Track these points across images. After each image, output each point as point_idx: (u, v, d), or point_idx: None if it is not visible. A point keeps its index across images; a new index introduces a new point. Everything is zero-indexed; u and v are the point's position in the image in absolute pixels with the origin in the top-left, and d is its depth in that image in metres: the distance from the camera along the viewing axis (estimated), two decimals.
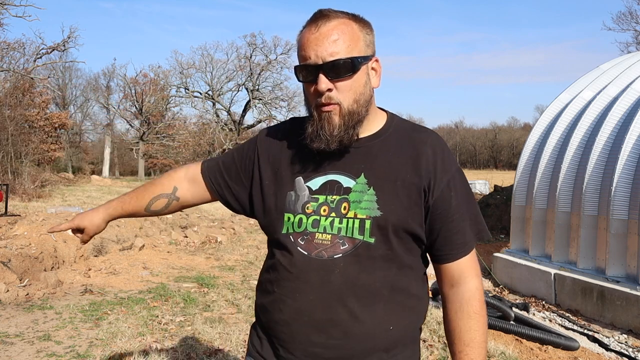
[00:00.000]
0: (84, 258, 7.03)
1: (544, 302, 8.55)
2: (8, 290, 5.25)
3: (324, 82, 1.19)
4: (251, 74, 34.47)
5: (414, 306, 1.32)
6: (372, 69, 1.28)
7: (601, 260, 8.12)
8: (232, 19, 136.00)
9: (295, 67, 1.25)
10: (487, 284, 9.87)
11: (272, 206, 1.30)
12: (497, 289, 9.70)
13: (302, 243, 1.25)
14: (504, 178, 24.61)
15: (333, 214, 1.24)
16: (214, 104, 40.11)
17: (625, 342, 6.67)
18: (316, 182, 1.27)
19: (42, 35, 49.15)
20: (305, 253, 1.24)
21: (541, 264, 9.21)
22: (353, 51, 1.20)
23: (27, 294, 5.43)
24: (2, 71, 24.40)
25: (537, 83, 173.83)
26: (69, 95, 48.14)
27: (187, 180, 1.47)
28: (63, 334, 4.27)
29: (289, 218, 1.26)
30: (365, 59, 1.24)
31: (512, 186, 12.28)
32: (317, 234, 1.24)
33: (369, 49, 1.26)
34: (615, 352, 6.21)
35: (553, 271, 8.72)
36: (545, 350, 5.13)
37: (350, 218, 1.23)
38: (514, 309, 6.69)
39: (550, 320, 7.59)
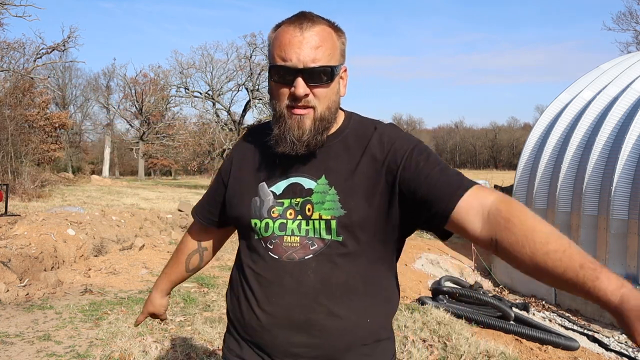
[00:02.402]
0: (84, 258, 7.03)
1: (544, 302, 8.55)
2: (8, 290, 5.26)
3: (302, 87, 1.18)
4: (251, 74, 34.54)
5: (389, 297, 1.33)
6: (341, 77, 1.30)
7: (601, 260, 8.12)
8: (232, 19, 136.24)
9: (272, 67, 1.22)
10: (487, 284, 9.87)
11: (240, 214, 1.32)
12: (497, 289, 9.70)
13: (272, 247, 1.26)
14: (504, 178, 24.63)
15: (299, 217, 1.25)
16: (214, 104, 40.12)
17: (625, 342, 6.67)
18: (279, 187, 1.29)
19: (42, 35, 49.25)
20: (277, 257, 1.26)
21: None
22: (332, 60, 1.22)
23: (27, 294, 5.43)
24: (2, 71, 24.41)
25: (537, 83, 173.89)
26: (69, 95, 48.18)
27: (201, 232, 1.58)
28: (63, 333, 4.27)
29: (255, 224, 1.28)
30: (339, 68, 1.26)
31: (512, 186, 12.28)
32: (285, 237, 1.25)
33: (342, 58, 1.29)
34: (615, 352, 6.21)
35: None
36: (545, 350, 5.13)
37: (316, 219, 1.23)
38: (514, 309, 6.69)
39: (550, 320, 7.59)
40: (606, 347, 6.34)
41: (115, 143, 47.96)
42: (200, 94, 40.64)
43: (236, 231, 1.46)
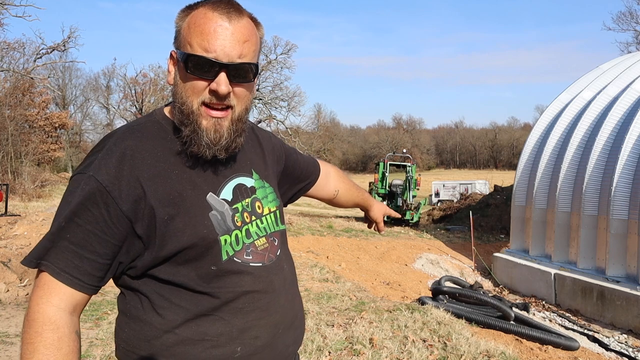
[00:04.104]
0: None
1: (544, 302, 8.55)
2: (8, 290, 5.26)
3: (225, 84, 1.05)
4: None
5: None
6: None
7: (601, 260, 8.12)
8: None
9: (190, 55, 1.05)
10: (487, 284, 9.87)
11: (199, 237, 1.08)
12: (497, 289, 9.70)
13: (251, 257, 1.15)
14: (504, 178, 24.62)
15: (254, 217, 1.19)
16: None
17: (625, 342, 6.66)
18: (227, 192, 1.16)
19: (42, 35, 48.94)
20: (260, 264, 1.17)
21: (541, 264, 9.21)
22: (255, 57, 1.12)
23: (27, 294, 5.43)
24: (2, 71, 24.41)
25: (537, 83, 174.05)
26: (69, 95, 48.19)
27: (78, 305, 1.06)
28: None
29: (225, 240, 1.11)
30: (259, 67, 1.15)
31: (512, 186, 12.28)
32: (255, 242, 1.18)
33: (259, 56, 1.18)
34: (615, 352, 6.21)
35: (553, 271, 8.73)
36: (545, 350, 5.13)
37: (267, 214, 1.24)
38: (514, 309, 6.69)
39: (550, 320, 7.59)
40: (606, 347, 6.34)
41: None
42: None
43: (129, 281, 1.11)
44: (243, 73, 1.08)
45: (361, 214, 1.81)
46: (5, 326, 4.41)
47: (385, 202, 16.44)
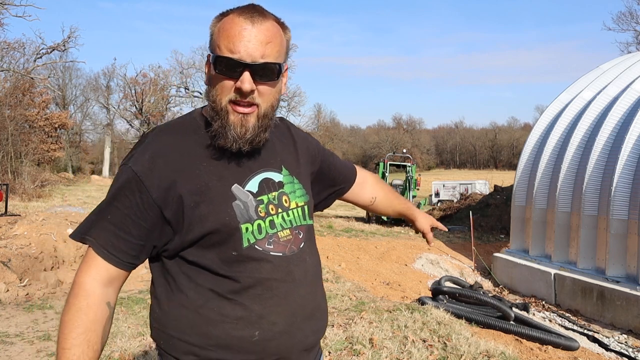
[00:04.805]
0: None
1: (544, 302, 8.55)
2: (8, 290, 5.26)
3: (248, 82, 1.14)
4: None
5: None
6: (283, 75, 1.26)
7: (601, 261, 8.12)
8: None
9: (218, 57, 1.15)
10: (487, 284, 9.87)
11: (221, 224, 1.17)
12: (497, 289, 9.70)
13: (272, 247, 1.23)
14: (504, 178, 24.62)
15: (280, 210, 1.27)
16: None
17: (625, 342, 6.67)
18: (253, 185, 1.25)
19: (42, 35, 48.95)
20: (281, 254, 1.24)
21: (541, 264, 9.21)
22: (279, 57, 1.20)
23: (27, 294, 5.43)
24: (2, 71, 24.41)
25: (537, 83, 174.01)
26: (69, 95, 48.17)
27: (114, 280, 1.20)
28: None
29: (247, 228, 1.20)
30: (284, 66, 1.23)
31: (512, 186, 12.28)
32: (279, 233, 1.25)
33: (287, 56, 1.26)
34: (615, 352, 6.21)
35: (553, 271, 8.73)
36: (545, 350, 5.13)
37: (294, 208, 1.31)
38: (514, 309, 6.69)
39: (550, 320, 7.59)
40: (606, 347, 6.34)
41: (115, 143, 47.94)
42: (200, 94, 40.67)
43: (164, 262, 1.23)
44: (266, 72, 1.17)
45: (362, 213, 1.81)
46: (5, 326, 4.41)
47: None
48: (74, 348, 1.11)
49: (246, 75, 1.14)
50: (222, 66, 1.15)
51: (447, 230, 1.98)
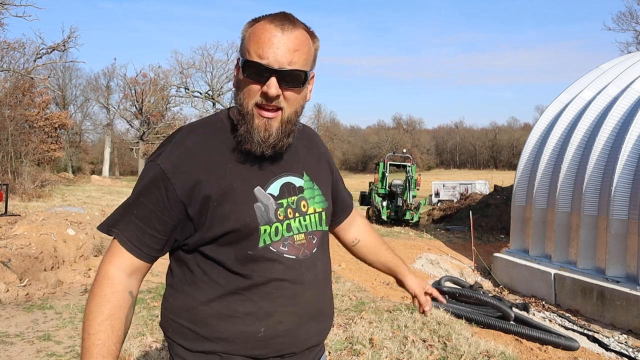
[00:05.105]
0: (84, 258, 7.03)
1: (544, 302, 8.55)
2: (8, 290, 5.26)
3: (275, 87, 1.18)
4: None
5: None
6: (309, 83, 1.29)
7: (601, 261, 8.12)
8: (232, 19, 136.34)
9: (248, 62, 1.19)
10: (487, 284, 9.87)
11: (242, 224, 1.22)
12: (497, 289, 9.70)
13: (286, 249, 1.27)
14: (504, 178, 24.61)
15: (297, 214, 1.31)
16: (214, 104, 40.22)
17: (625, 342, 6.67)
18: (274, 188, 1.28)
19: (42, 35, 48.88)
20: (294, 257, 1.28)
21: (541, 264, 9.21)
22: (306, 65, 1.22)
23: (27, 294, 5.43)
24: (2, 71, 24.41)
25: (537, 83, 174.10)
26: (69, 95, 48.20)
27: (137, 272, 1.26)
28: (63, 333, 4.27)
29: (265, 230, 1.24)
30: (310, 74, 1.26)
31: (512, 186, 12.28)
32: (294, 236, 1.29)
33: (314, 64, 1.30)
34: (615, 352, 6.21)
35: (553, 271, 8.73)
36: (545, 350, 5.13)
37: (311, 214, 1.34)
38: (514, 309, 6.69)
39: (550, 320, 7.59)
40: (606, 347, 6.34)
41: (115, 143, 47.98)
42: (200, 94, 40.71)
43: (181, 256, 1.29)
44: (293, 78, 1.20)
45: (362, 213, 1.76)
46: (5, 326, 4.41)
47: (385, 202, 16.44)
48: (100, 333, 1.17)
49: (273, 80, 1.17)
50: (251, 71, 1.19)
51: (444, 302, 1.86)
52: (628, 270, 7.73)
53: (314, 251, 1.33)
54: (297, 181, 1.34)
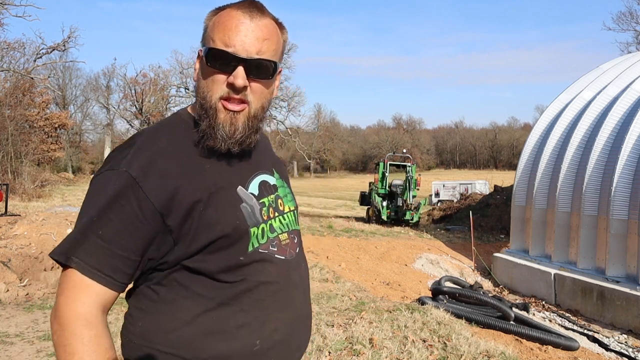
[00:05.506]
0: None
1: (544, 302, 8.55)
2: (8, 290, 5.26)
3: (242, 78, 1.08)
4: None
5: None
6: (276, 77, 1.20)
7: (601, 261, 8.11)
8: None
9: (211, 49, 1.09)
10: (487, 284, 9.87)
11: (232, 228, 1.11)
12: (497, 289, 9.70)
13: (276, 249, 1.19)
14: (504, 178, 24.60)
15: (276, 214, 1.23)
16: None
17: (625, 342, 6.66)
18: (254, 187, 1.20)
19: (42, 35, 48.87)
20: (283, 257, 1.20)
21: (541, 264, 9.21)
22: (275, 56, 1.14)
23: (27, 294, 5.43)
24: (2, 71, 24.40)
25: (537, 83, 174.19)
26: (69, 95, 48.22)
27: (108, 303, 1.06)
28: None
29: (253, 232, 1.15)
30: (279, 66, 1.17)
31: (512, 186, 12.28)
32: (279, 236, 1.21)
33: (282, 57, 1.21)
34: (615, 352, 6.20)
35: (553, 271, 8.73)
36: (545, 350, 5.13)
37: (287, 212, 1.28)
38: (514, 309, 6.69)
39: (550, 320, 7.59)
40: (606, 347, 6.33)
41: (115, 143, 47.93)
42: None
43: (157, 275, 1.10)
44: (261, 69, 1.11)
45: (362, 213, 1.68)
46: (5, 326, 4.41)
47: (385, 202, 16.45)
48: None
49: (240, 70, 1.08)
50: (216, 60, 1.09)
51: None
52: (628, 270, 7.73)
53: (297, 251, 1.27)
54: (271, 179, 1.27)
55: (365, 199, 17.78)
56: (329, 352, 3.89)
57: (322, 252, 9.48)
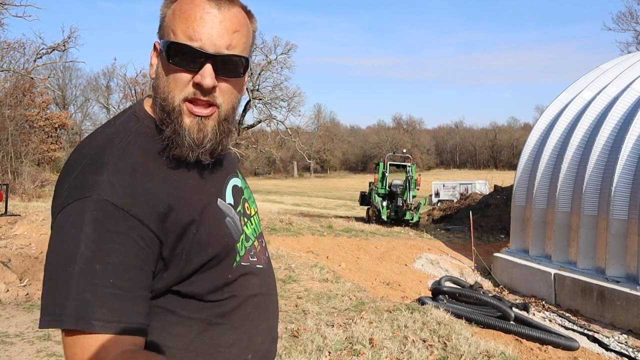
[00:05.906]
0: None
1: (544, 302, 8.55)
2: (8, 290, 5.26)
3: (210, 77, 0.93)
4: (251, 73, 34.59)
5: None
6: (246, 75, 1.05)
7: (601, 261, 8.12)
8: None
9: (172, 43, 0.94)
10: (487, 284, 9.87)
11: (224, 245, 1.02)
12: (497, 289, 9.70)
13: (255, 259, 1.11)
14: (504, 178, 24.60)
15: (245, 219, 1.13)
16: None
17: (625, 342, 6.67)
18: (229, 195, 1.09)
19: (42, 35, 48.85)
20: (261, 266, 1.13)
21: (541, 264, 9.21)
22: (245, 50, 0.99)
23: (27, 294, 5.43)
24: (2, 71, 24.40)
25: (537, 83, 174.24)
26: (69, 95, 48.24)
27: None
28: None
29: (239, 246, 1.07)
30: (250, 61, 1.02)
31: (512, 186, 12.28)
32: (253, 243, 1.13)
33: (251, 51, 1.05)
34: (615, 352, 6.21)
35: (553, 271, 8.73)
36: (545, 350, 5.13)
37: (253, 216, 1.18)
38: (514, 309, 6.69)
39: (550, 320, 7.59)
40: (606, 347, 6.34)
41: None
42: None
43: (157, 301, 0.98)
44: (231, 66, 0.96)
45: (362, 213, 1.67)
46: (5, 326, 4.41)
47: (385, 202, 16.45)
48: None
49: (207, 67, 0.93)
50: (178, 55, 0.94)
51: None
52: (628, 270, 7.73)
53: (267, 255, 1.18)
54: (238, 181, 1.15)
55: (365, 199, 17.79)
56: (329, 352, 3.89)
57: (322, 252, 9.48)
